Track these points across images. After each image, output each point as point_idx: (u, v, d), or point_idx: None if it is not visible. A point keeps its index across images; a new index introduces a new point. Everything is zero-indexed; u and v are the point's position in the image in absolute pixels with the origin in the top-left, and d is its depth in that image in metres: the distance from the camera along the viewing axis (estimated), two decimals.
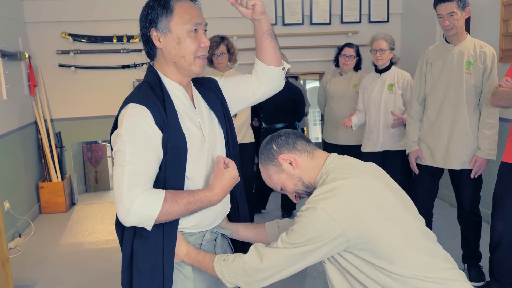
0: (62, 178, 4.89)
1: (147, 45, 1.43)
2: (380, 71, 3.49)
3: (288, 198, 4.30)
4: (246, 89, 1.57)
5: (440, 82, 2.88)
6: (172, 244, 1.38)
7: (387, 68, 3.48)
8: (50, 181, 4.82)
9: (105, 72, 5.03)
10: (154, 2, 1.38)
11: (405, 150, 3.20)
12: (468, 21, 4.03)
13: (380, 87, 3.47)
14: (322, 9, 5.21)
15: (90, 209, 4.95)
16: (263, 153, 1.48)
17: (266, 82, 1.56)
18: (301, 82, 5.72)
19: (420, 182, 3.08)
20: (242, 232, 1.59)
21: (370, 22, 5.30)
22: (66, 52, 4.90)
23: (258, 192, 4.45)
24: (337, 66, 4.10)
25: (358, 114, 3.57)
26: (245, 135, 3.64)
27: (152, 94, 1.36)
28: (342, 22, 5.26)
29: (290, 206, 4.32)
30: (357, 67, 4.02)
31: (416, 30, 5.05)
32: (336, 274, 1.38)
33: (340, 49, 4.03)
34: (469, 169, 2.87)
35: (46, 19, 4.82)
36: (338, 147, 3.99)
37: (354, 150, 3.71)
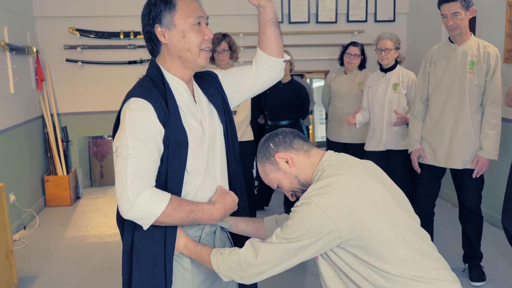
0: (68, 172, 4.94)
1: (151, 42, 1.44)
2: (385, 70, 3.50)
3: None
4: (246, 81, 1.59)
5: (443, 82, 2.89)
6: (173, 237, 1.41)
7: (392, 67, 3.49)
8: (56, 174, 4.87)
9: (111, 67, 5.07)
10: None
11: (407, 150, 3.21)
12: (473, 21, 4.04)
13: (384, 86, 3.48)
14: (328, 7, 5.21)
15: (94, 203, 4.99)
16: (261, 151, 1.50)
17: (266, 72, 1.57)
18: (307, 81, 5.74)
19: (422, 181, 3.08)
20: (241, 226, 1.61)
21: (376, 21, 5.30)
22: (73, 47, 4.94)
23: (261, 189, 4.47)
24: (342, 64, 4.11)
25: (362, 112, 3.58)
26: (244, 133, 3.64)
27: (154, 88, 1.38)
28: (348, 21, 5.27)
29: (293, 203, 4.31)
30: (361, 66, 4.02)
31: (422, 30, 5.05)
32: (328, 271, 1.39)
33: (345, 47, 4.04)
34: (471, 168, 2.87)
35: (54, 14, 4.87)
36: (341, 145, 4.00)
37: (358, 148, 3.72)
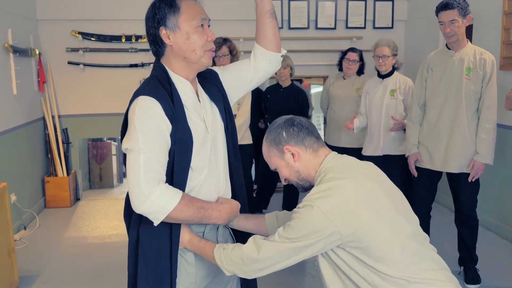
0: (68, 174, 4.98)
1: (155, 44, 1.49)
2: (382, 76, 3.56)
3: (289, 199, 4.37)
4: (245, 76, 1.64)
5: (440, 87, 2.95)
6: (178, 232, 1.46)
7: (390, 73, 3.54)
8: (56, 176, 4.90)
9: (113, 70, 5.12)
10: (160, 2, 1.44)
11: (404, 155, 3.26)
12: (470, 29, 4.11)
13: (382, 92, 3.53)
14: (328, 14, 5.29)
15: (94, 204, 5.02)
16: (272, 133, 1.51)
17: (264, 66, 1.62)
18: (310, 89, 5.77)
19: (418, 185, 3.14)
20: (243, 222, 1.65)
21: (374, 28, 5.37)
22: (75, 50, 5.00)
23: (259, 192, 4.52)
24: (340, 70, 4.17)
25: (360, 117, 3.63)
26: (243, 137, 3.67)
27: (161, 87, 1.43)
28: (347, 27, 5.34)
29: (291, 206, 4.37)
30: (360, 72, 4.08)
31: (420, 37, 5.12)
32: (328, 269, 1.44)
33: (344, 53, 4.11)
34: (467, 173, 2.92)
35: (57, 17, 4.92)
36: (339, 150, 4.02)
37: (356, 153, 3.76)
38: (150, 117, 1.38)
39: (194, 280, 1.52)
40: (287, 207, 4.40)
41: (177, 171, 1.42)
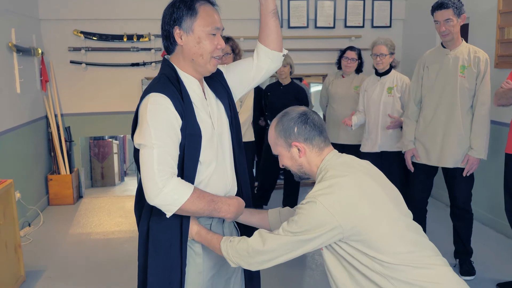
0: (71, 171, 5.04)
1: (168, 40, 1.55)
2: (380, 75, 3.62)
3: (289, 195, 4.44)
4: (248, 74, 1.71)
5: (436, 85, 3.02)
6: (187, 223, 1.54)
7: (387, 71, 3.61)
8: (59, 174, 4.97)
9: (114, 69, 5.19)
10: (180, 2, 1.50)
11: (401, 151, 3.34)
12: (466, 28, 4.18)
13: (379, 90, 3.60)
14: (327, 13, 5.36)
15: (97, 202, 5.09)
16: (284, 123, 1.55)
17: (267, 65, 1.69)
18: (310, 87, 5.83)
19: (415, 179, 3.22)
20: (247, 216, 1.72)
21: (373, 27, 5.45)
22: (77, 49, 5.06)
23: (260, 188, 4.59)
24: (339, 68, 4.24)
25: (358, 114, 3.70)
26: (245, 134, 3.73)
27: (170, 85, 1.50)
28: (346, 26, 5.42)
29: (291, 203, 4.45)
30: (358, 70, 4.16)
31: (417, 36, 5.19)
32: (332, 260, 1.51)
33: (342, 52, 4.18)
34: (462, 167, 3.00)
35: (59, 17, 4.99)
36: (338, 146, 4.12)
37: (354, 149, 3.84)
38: (161, 112, 1.44)
39: (202, 269, 1.59)
40: (287, 203, 4.47)
41: (187, 165, 1.49)
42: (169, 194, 1.40)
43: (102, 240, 3.99)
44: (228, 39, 3.69)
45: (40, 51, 4.77)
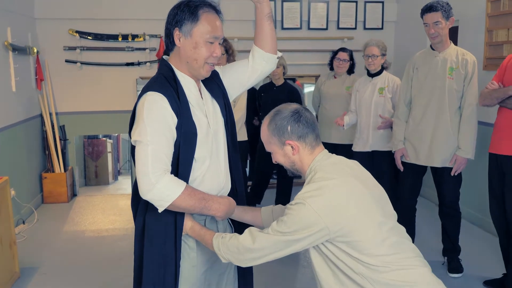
0: (65, 170, 5.07)
1: (168, 39, 1.60)
2: (372, 75, 3.68)
3: (282, 194, 4.49)
4: (243, 74, 1.77)
5: (425, 86, 3.09)
6: (182, 217, 1.59)
7: (379, 72, 3.67)
8: (53, 172, 5.00)
9: (109, 69, 5.22)
10: (185, 6, 1.55)
11: (391, 151, 3.40)
12: (456, 30, 4.26)
13: (371, 90, 3.66)
14: (320, 15, 5.43)
15: (91, 200, 5.13)
16: (277, 122, 1.57)
17: (262, 66, 1.75)
18: (303, 88, 5.90)
19: (404, 179, 3.28)
20: (241, 213, 1.78)
21: (365, 28, 5.52)
22: (72, 48, 5.10)
23: (254, 187, 4.64)
24: (331, 69, 4.31)
25: (350, 114, 3.76)
26: (238, 133, 3.73)
27: (167, 84, 1.55)
28: (339, 28, 5.49)
29: (284, 202, 4.48)
30: (350, 71, 4.22)
31: (409, 38, 5.27)
32: (319, 260, 1.56)
33: (334, 53, 4.24)
34: (450, 167, 3.07)
35: (55, 16, 5.02)
36: (331, 146, 4.18)
37: (346, 148, 3.90)
38: (157, 111, 1.49)
39: (195, 263, 1.65)
40: (280, 202, 4.51)
41: (182, 162, 1.54)
42: (161, 190, 1.45)
43: (96, 237, 4.02)
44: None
45: (35, 50, 4.79)
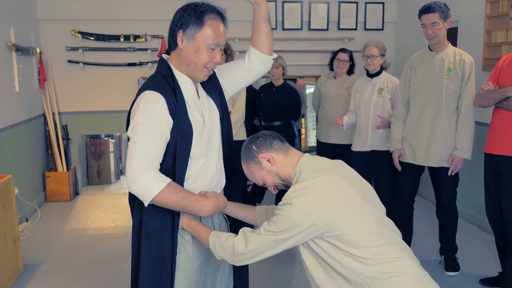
0: (68, 169, 5.12)
1: (171, 38, 1.63)
2: (371, 76, 3.72)
3: (282, 193, 4.53)
4: (239, 74, 1.81)
5: (422, 87, 3.13)
6: (179, 213, 1.63)
7: (378, 73, 3.70)
8: (56, 171, 5.05)
9: (111, 69, 5.27)
10: (191, 10, 1.58)
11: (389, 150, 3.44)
12: (455, 31, 4.30)
13: (370, 91, 3.69)
14: (320, 15, 5.46)
15: (93, 199, 5.18)
16: (245, 153, 1.69)
17: (257, 67, 1.79)
18: (305, 88, 5.94)
19: (402, 178, 3.32)
20: (235, 210, 1.83)
21: (365, 29, 5.56)
22: (75, 48, 5.15)
23: (254, 186, 4.68)
24: (331, 69, 4.34)
25: (349, 114, 3.79)
26: (238, 133, 3.79)
27: (165, 83, 1.59)
28: (339, 29, 5.53)
29: None
30: (350, 71, 4.25)
31: (409, 38, 5.30)
32: (309, 257, 1.61)
33: (334, 53, 4.27)
34: (447, 167, 3.11)
35: (57, 17, 5.07)
36: (330, 146, 4.22)
37: (345, 148, 3.94)
38: (153, 111, 1.54)
39: (191, 255, 1.70)
40: (280, 201, 4.55)
41: (178, 159, 1.59)
42: (142, 185, 1.50)
43: (98, 235, 4.07)
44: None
45: (38, 51, 4.85)
